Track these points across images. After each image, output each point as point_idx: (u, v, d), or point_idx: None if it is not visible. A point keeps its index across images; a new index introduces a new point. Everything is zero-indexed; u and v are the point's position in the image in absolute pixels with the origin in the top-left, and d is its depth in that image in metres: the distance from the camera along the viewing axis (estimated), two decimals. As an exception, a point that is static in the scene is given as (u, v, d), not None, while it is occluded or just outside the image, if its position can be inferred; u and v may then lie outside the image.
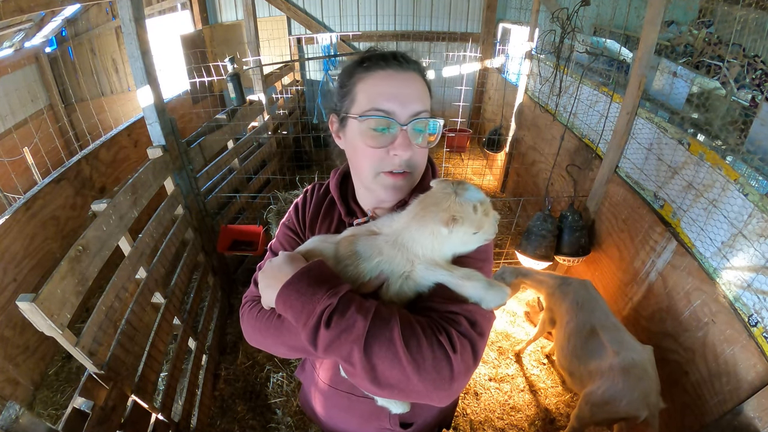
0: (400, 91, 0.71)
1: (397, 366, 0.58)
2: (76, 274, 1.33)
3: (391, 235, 0.70)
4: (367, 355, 0.59)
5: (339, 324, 0.60)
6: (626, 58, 3.06)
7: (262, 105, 3.70)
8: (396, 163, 0.74)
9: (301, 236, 0.91)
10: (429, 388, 0.59)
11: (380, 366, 0.59)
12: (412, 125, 0.72)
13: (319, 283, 0.63)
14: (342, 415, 0.98)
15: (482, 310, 0.67)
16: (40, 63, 4.89)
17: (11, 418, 0.94)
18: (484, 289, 0.66)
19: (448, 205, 0.65)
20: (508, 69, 5.06)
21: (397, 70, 0.72)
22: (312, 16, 5.69)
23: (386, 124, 0.72)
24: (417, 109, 0.72)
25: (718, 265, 1.73)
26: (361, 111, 0.72)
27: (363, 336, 0.59)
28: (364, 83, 0.73)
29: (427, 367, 0.59)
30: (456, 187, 0.67)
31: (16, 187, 3.85)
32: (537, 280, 2.36)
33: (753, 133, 1.77)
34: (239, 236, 2.74)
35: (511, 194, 4.47)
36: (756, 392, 1.46)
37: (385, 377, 0.60)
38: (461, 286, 0.67)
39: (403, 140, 0.72)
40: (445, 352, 0.60)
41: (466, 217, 0.65)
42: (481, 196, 0.67)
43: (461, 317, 0.65)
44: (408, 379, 0.59)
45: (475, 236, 0.69)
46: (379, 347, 0.59)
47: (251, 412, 2.25)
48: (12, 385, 2.25)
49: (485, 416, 2.25)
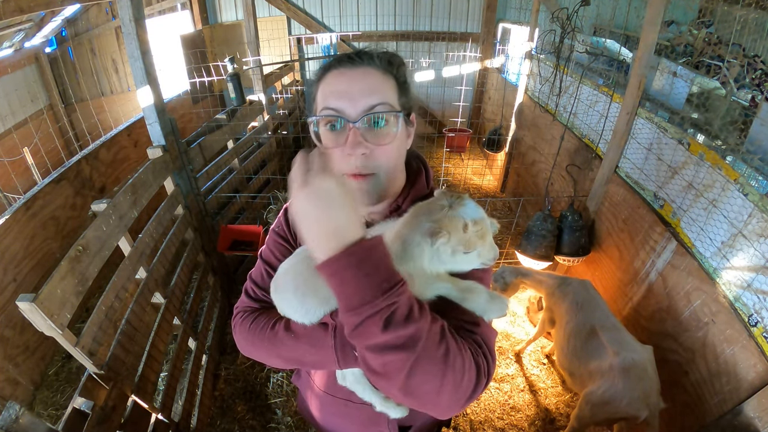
0: (349, 87, 0.68)
1: (438, 381, 0.53)
2: (76, 274, 1.33)
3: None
4: (413, 365, 0.52)
5: (397, 328, 0.50)
6: (626, 58, 3.06)
7: (262, 105, 3.70)
8: (352, 164, 0.69)
9: (292, 243, 0.87)
10: (453, 405, 0.57)
11: (418, 378, 0.52)
12: (363, 121, 0.68)
13: (391, 270, 0.52)
14: (340, 421, 0.96)
15: (490, 328, 0.67)
16: (40, 63, 4.89)
17: (11, 418, 0.94)
18: (487, 302, 0.65)
19: (438, 217, 0.61)
20: (508, 69, 5.06)
21: (348, 67, 0.70)
22: (312, 16, 5.69)
23: (336, 122, 0.69)
24: (370, 103, 0.68)
25: (718, 265, 1.73)
26: (316, 113, 0.71)
27: (418, 344, 0.52)
28: (321, 85, 0.72)
29: (462, 389, 0.56)
30: (453, 200, 0.63)
31: (16, 187, 3.85)
32: (537, 280, 2.36)
33: (753, 133, 1.77)
34: (239, 236, 2.74)
35: (511, 194, 4.47)
36: (756, 392, 1.46)
37: (418, 389, 0.54)
38: (463, 300, 0.65)
39: (353, 138, 0.67)
40: (479, 377, 0.58)
41: (453, 232, 0.60)
42: (476, 215, 0.62)
43: (479, 337, 0.64)
44: (438, 396, 0.54)
45: (467, 256, 0.63)
46: (429, 361, 0.52)
47: (251, 412, 2.25)
48: (12, 385, 2.25)
49: (485, 416, 2.25)
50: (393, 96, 0.71)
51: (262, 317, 0.79)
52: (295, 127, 4.91)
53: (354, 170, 0.70)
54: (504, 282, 2.36)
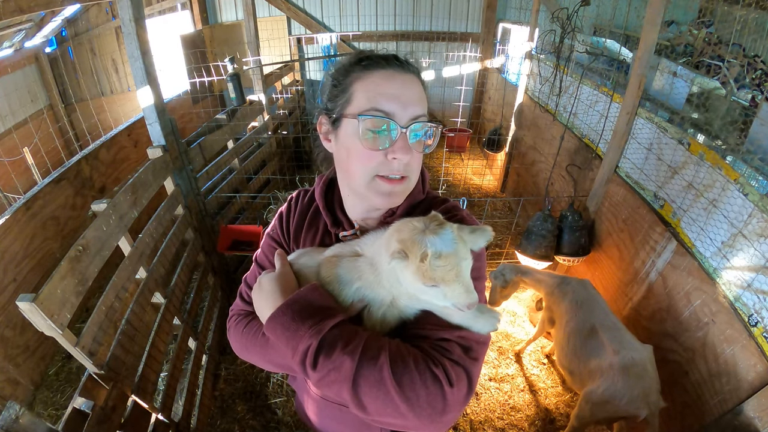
0: (401, 92, 0.68)
1: (390, 405, 0.57)
2: (76, 274, 1.33)
3: (370, 258, 0.66)
4: (356, 395, 0.58)
5: (325, 365, 0.58)
6: (626, 58, 3.06)
7: (262, 105, 3.70)
8: (395, 167, 0.70)
9: (286, 248, 0.87)
10: (425, 422, 0.58)
11: (371, 405, 0.58)
12: (411, 129, 0.69)
13: (304, 318, 0.61)
14: (335, 425, 0.96)
15: (475, 334, 0.65)
16: (40, 63, 4.89)
17: (11, 418, 0.94)
18: (473, 317, 0.62)
19: (405, 238, 0.57)
20: (508, 69, 5.06)
21: (398, 70, 0.70)
22: (312, 16, 5.69)
23: (386, 126, 0.68)
24: (417, 112, 0.69)
25: (718, 265, 1.73)
26: (359, 111, 0.68)
27: (351, 377, 0.57)
28: (362, 82, 0.70)
29: (422, 404, 0.57)
30: (431, 225, 0.57)
31: (16, 187, 3.85)
32: (536, 279, 2.36)
33: (753, 133, 1.77)
34: (239, 236, 2.74)
35: (511, 194, 4.47)
36: (756, 392, 1.46)
37: (378, 414, 0.59)
38: (449, 315, 0.63)
39: (403, 143, 0.69)
40: (441, 386, 0.58)
41: (411, 258, 0.55)
42: (445, 249, 0.55)
43: (454, 344, 0.63)
44: (403, 416, 0.58)
45: (432, 290, 0.57)
46: (369, 388, 0.58)
47: (251, 412, 2.25)
48: (12, 385, 2.25)
49: (485, 416, 2.25)
50: (426, 105, 0.74)
51: (255, 322, 0.79)
52: (295, 127, 4.91)
53: (393, 173, 0.71)
54: (504, 279, 2.36)
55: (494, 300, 2.40)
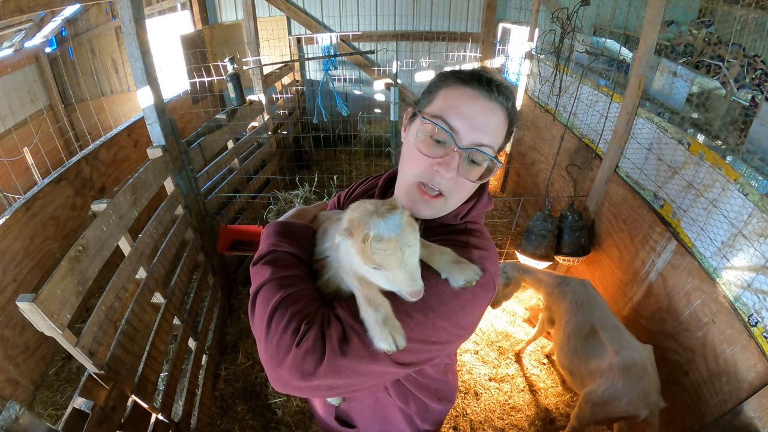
0: (476, 115, 0.68)
1: (260, 323, 0.64)
2: (76, 274, 1.33)
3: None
4: (254, 299, 0.68)
5: (261, 266, 0.71)
6: (626, 58, 3.06)
7: (262, 105, 3.70)
8: (435, 180, 0.70)
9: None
10: (266, 359, 0.62)
11: (255, 316, 0.67)
12: (468, 153, 0.69)
13: (281, 235, 0.75)
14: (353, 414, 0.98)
15: (368, 337, 0.61)
16: (40, 63, 4.89)
17: (11, 418, 0.94)
18: (378, 327, 0.58)
19: (354, 217, 0.57)
20: (508, 69, 5.06)
21: (484, 95, 0.68)
22: (312, 16, 5.69)
23: (444, 138, 0.68)
24: (483, 141, 0.68)
25: (718, 265, 1.73)
26: (430, 113, 0.70)
27: (259, 284, 0.68)
28: (448, 91, 0.70)
29: (271, 340, 0.61)
30: (381, 208, 0.57)
31: (16, 187, 3.85)
32: (536, 279, 2.36)
33: (753, 133, 1.77)
34: (239, 236, 2.73)
35: (511, 194, 4.47)
36: (756, 392, 1.46)
37: (254, 326, 0.67)
38: (361, 310, 0.61)
39: (451, 160, 0.68)
40: (292, 339, 0.60)
41: (355, 238, 0.56)
42: (386, 233, 0.55)
43: (338, 325, 0.61)
44: (260, 340, 0.64)
45: (376, 273, 0.58)
46: (261, 301, 0.66)
47: (251, 412, 2.25)
48: (12, 385, 2.25)
49: (485, 416, 2.25)
50: (500, 141, 0.72)
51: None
52: (294, 127, 4.91)
53: (433, 185, 0.71)
54: (506, 277, 2.36)
55: (496, 299, 2.39)
